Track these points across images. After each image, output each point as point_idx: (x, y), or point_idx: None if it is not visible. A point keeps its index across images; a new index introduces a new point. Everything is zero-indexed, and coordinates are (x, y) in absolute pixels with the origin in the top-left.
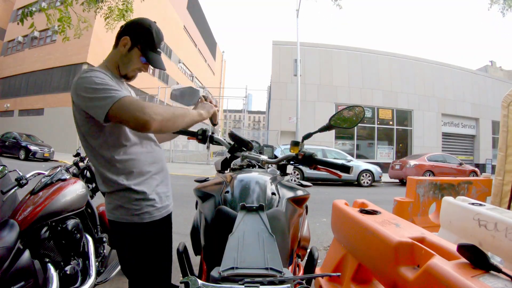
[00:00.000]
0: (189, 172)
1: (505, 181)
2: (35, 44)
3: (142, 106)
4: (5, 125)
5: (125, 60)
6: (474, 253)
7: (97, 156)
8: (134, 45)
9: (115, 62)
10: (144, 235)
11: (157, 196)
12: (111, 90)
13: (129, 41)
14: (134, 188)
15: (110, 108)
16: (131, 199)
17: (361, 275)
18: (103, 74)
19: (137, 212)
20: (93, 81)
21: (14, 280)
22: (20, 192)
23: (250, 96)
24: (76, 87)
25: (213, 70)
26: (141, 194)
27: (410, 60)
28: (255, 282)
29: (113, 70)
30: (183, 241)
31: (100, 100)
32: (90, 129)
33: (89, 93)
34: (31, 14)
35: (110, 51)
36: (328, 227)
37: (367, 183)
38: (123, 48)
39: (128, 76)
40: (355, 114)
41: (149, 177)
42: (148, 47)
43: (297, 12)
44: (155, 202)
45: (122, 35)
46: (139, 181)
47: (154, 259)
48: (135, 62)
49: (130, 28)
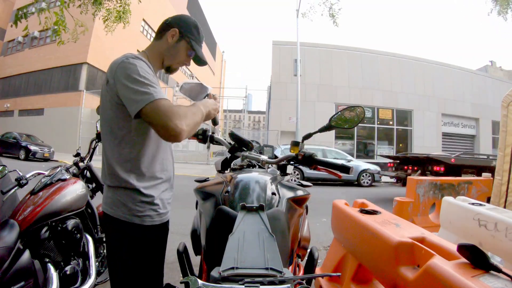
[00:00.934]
0: (189, 172)
1: (503, 180)
2: (35, 44)
3: (174, 114)
4: (5, 125)
5: (173, 52)
6: (474, 253)
7: (114, 147)
8: (182, 38)
9: (159, 53)
10: (141, 237)
11: (161, 202)
12: (152, 87)
13: (177, 33)
14: (143, 191)
15: (145, 106)
16: (137, 200)
17: (361, 275)
18: (148, 67)
19: (139, 213)
20: (137, 70)
21: (14, 280)
22: (20, 192)
23: (250, 96)
24: (118, 71)
25: (213, 70)
26: (148, 197)
27: (410, 60)
28: (255, 282)
29: (155, 61)
30: (183, 241)
31: (138, 94)
32: (118, 117)
33: (130, 82)
34: (26, 16)
35: (109, 51)
36: (328, 227)
37: (367, 183)
38: (171, 39)
39: (172, 68)
40: (355, 114)
41: (158, 183)
42: (196, 41)
43: (297, 12)
44: (158, 208)
45: (168, 27)
46: (148, 185)
47: (146, 263)
48: (182, 54)
49: (177, 21)
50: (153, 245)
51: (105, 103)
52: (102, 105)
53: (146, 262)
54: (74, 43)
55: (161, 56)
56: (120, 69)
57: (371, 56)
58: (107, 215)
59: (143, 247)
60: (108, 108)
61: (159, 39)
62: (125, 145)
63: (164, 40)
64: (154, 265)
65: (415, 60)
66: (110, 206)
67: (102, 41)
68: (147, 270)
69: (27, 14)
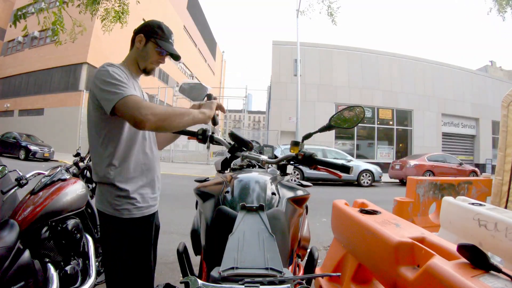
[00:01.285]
0: (189, 172)
1: (504, 181)
2: (35, 44)
3: (140, 106)
4: (5, 125)
5: (143, 54)
6: (474, 253)
7: (97, 146)
8: (148, 40)
9: (133, 59)
10: (122, 230)
11: (139, 196)
12: (122, 87)
13: (143, 37)
14: (117, 185)
15: (116, 103)
16: (114, 195)
17: (361, 275)
18: (121, 71)
19: (117, 207)
20: (110, 75)
21: (14, 280)
22: (20, 192)
23: (250, 96)
24: (95, 77)
25: (213, 70)
26: (124, 191)
27: (410, 60)
28: (255, 282)
29: (132, 68)
30: (183, 241)
31: (111, 94)
32: (98, 118)
33: (104, 85)
34: (24, 17)
35: (109, 51)
36: (328, 227)
37: (367, 183)
38: (139, 44)
39: (148, 69)
40: (355, 114)
41: (135, 177)
42: (161, 39)
43: (297, 12)
44: (136, 201)
45: (135, 35)
46: (124, 179)
47: (132, 257)
48: (152, 54)
49: (142, 27)
50: (134, 238)
51: (90, 109)
52: (88, 112)
53: (131, 254)
54: (73, 43)
55: (136, 62)
56: (97, 75)
57: (371, 56)
58: (98, 211)
59: (127, 239)
60: (91, 110)
61: (132, 48)
62: (106, 143)
63: (135, 47)
64: (141, 257)
65: (415, 60)
66: (98, 202)
67: (102, 41)
68: (133, 262)
69: (26, 14)
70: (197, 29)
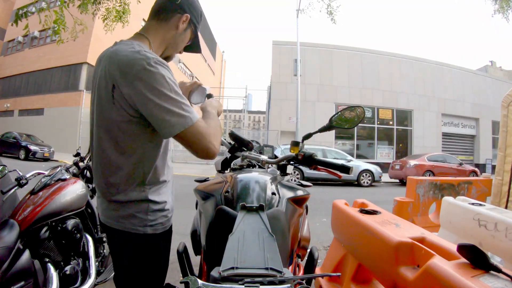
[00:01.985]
0: (189, 172)
1: (504, 181)
2: (35, 44)
3: (213, 136)
4: (5, 125)
5: (179, 40)
6: (474, 253)
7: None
8: (190, 26)
9: (164, 40)
10: (154, 246)
11: (169, 206)
12: (186, 105)
13: (188, 20)
14: (152, 199)
15: (183, 131)
16: (149, 209)
17: (361, 275)
18: (171, 73)
19: (151, 223)
20: (168, 84)
21: (14, 280)
22: (20, 192)
23: (250, 96)
24: (136, 79)
25: (213, 70)
26: (160, 204)
27: (410, 60)
28: (255, 282)
29: (157, 49)
30: (183, 241)
31: (173, 116)
32: (129, 128)
33: (159, 99)
34: (26, 15)
35: None
36: (328, 227)
37: (367, 183)
38: (182, 26)
39: (171, 58)
40: (355, 114)
41: (164, 186)
42: (198, 29)
43: (297, 12)
44: (168, 212)
45: (179, 11)
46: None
47: (156, 269)
48: (185, 43)
49: (190, 6)
50: (162, 251)
51: (112, 115)
52: (106, 114)
53: (152, 269)
54: (74, 42)
55: (165, 44)
56: (141, 78)
57: (371, 56)
58: (115, 230)
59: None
60: (115, 120)
61: (165, 22)
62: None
63: (172, 25)
64: (160, 270)
65: (415, 60)
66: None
67: (102, 41)
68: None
69: (27, 13)
70: None
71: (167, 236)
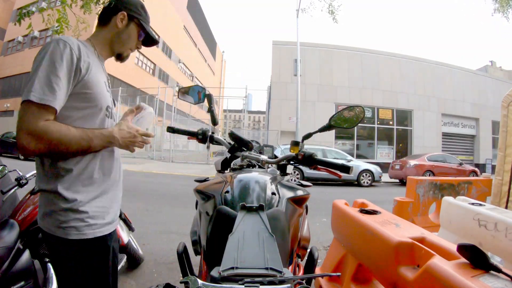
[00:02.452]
0: (189, 172)
1: (504, 181)
2: (35, 44)
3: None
4: (5, 125)
5: (123, 37)
6: (474, 253)
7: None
8: (132, 20)
9: (107, 40)
10: (70, 255)
11: (90, 210)
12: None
13: (126, 16)
14: (62, 193)
15: (23, 100)
16: (59, 207)
17: (361, 275)
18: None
19: (62, 224)
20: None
21: (14, 280)
22: (20, 192)
23: (250, 96)
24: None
25: (213, 70)
26: (70, 202)
27: (410, 60)
28: (255, 282)
29: (101, 49)
30: (183, 241)
31: (32, 83)
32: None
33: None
34: (29, 15)
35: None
36: (328, 227)
37: (367, 183)
38: (120, 23)
39: (124, 55)
40: (355, 114)
41: (87, 184)
42: (145, 22)
43: (297, 12)
44: (86, 216)
45: (114, 11)
46: (71, 185)
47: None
48: (133, 38)
49: (124, 3)
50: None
51: None
52: None
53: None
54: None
55: (109, 44)
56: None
57: (371, 56)
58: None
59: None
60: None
61: (104, 25)
62: None
63: (112, 25)
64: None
65: (415, 60)
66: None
67: None
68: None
69: (30, 12)
70: (197, 29)
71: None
